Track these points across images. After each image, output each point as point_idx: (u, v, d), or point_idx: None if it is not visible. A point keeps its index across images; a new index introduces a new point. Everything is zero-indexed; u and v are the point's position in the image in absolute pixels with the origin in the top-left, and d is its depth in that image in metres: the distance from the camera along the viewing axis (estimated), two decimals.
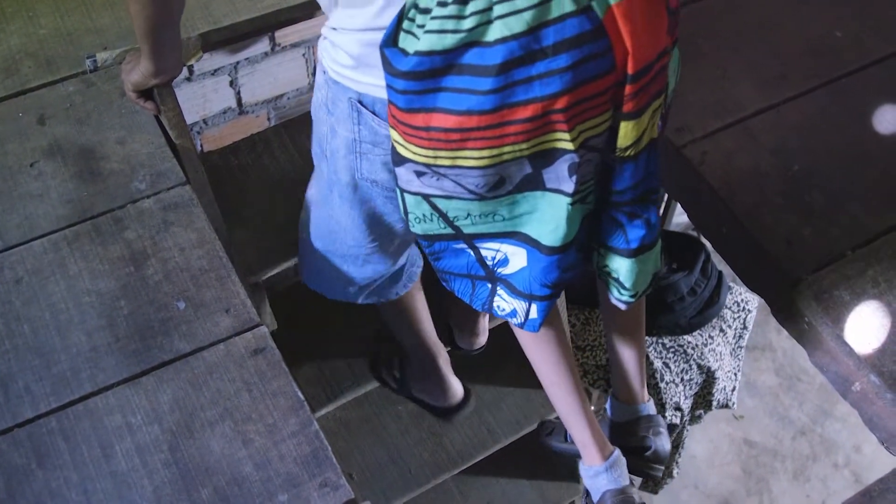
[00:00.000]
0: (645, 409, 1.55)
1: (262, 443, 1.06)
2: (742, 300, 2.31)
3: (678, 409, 2.20)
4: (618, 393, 1.56)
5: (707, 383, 2.24)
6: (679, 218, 2.96)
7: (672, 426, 2.28)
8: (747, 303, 2.31)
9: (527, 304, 1.26)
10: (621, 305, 1.33)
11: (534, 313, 1.27)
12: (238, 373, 1.12)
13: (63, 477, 1.03)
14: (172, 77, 1.35)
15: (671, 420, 2.20)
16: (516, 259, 1.21)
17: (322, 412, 1.94)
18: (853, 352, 1.21)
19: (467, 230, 1.18)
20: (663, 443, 1.53)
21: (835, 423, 3.02)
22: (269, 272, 1.70)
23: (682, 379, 2.18)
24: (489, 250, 1.22)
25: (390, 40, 1.00)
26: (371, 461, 1.97)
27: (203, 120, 1.93)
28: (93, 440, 1.06)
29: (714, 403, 2.30)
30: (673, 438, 2.36)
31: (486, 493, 2.21)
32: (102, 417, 1.08)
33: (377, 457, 1.98)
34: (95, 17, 1.54)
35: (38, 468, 1.04)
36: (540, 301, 1.25)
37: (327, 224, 1.45)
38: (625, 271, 1.26)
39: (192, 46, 1.50)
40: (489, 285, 1.28)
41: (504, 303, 1.29)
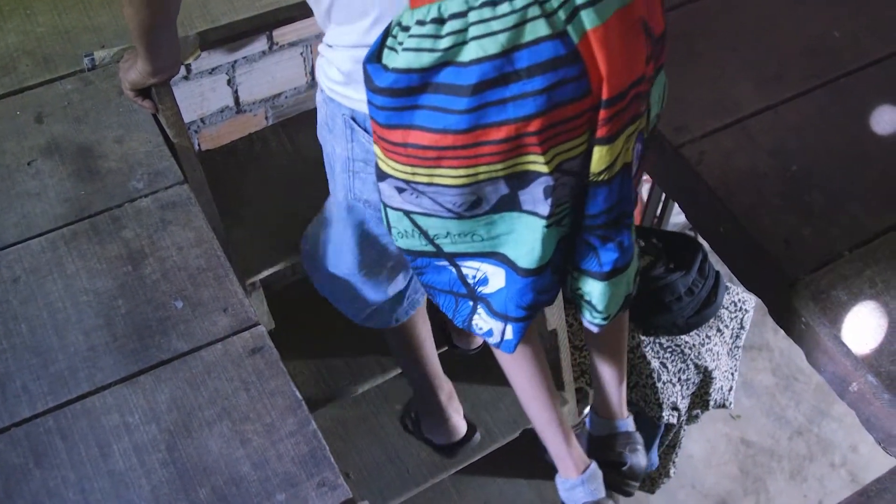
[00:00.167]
0: (623, 426, 1.57)
1: (260, 442, 1.06)
2: (739, 300, 2.31)
3: (675, 409, 2.20)
4: (597, 408, 1.59)
5: (704, 383, 2.25)
6: (676, 218, 2.96)
7: (669, 426, 2.29)
8: (744, 303, 2.31)
9: (503, 325, 1.27)
10: (594, 329, 1.33)
11: (509, 334, 1.28)
12: (236, 372, 1.12)
13: (60, 476, 1.03)
14: (170, 76, 1.35)
15: (668, 420, 2.20)
16: (496, 279, 1.21)
17: (319, 411, 1.93)
18: (850, 352, 1.21)
19: (447, 249, 1.17)
20: (639, 459, 1.55)
21: (831, 423, 3.02)
22: (267, 271, 1.69)
23: (680, 379, 2.18)
24: (470, 269, 1.22)
25: (374, 56, 1.00)
26: (368, 460, 1.97)
27: (201, 119, 1.93)
28: (90, 439, 1.06)
29: (711, 403, 2.30)
30: (670, 438, 2.36)
31: (484, 493, 2.21)
32: (100, 417, 1.08)
33: (375, 456, 1.98)
34: (93, 16, 1.54)
35: (36, 467, 1.03)
36: (515, 322, 1.25)
37: (330, 244, 1.46)
38: (597, 294, 1.26)
39: (191, 45, 1.50)
40: (471, 303, 1.28)
41: (483, 322, 1.29)
